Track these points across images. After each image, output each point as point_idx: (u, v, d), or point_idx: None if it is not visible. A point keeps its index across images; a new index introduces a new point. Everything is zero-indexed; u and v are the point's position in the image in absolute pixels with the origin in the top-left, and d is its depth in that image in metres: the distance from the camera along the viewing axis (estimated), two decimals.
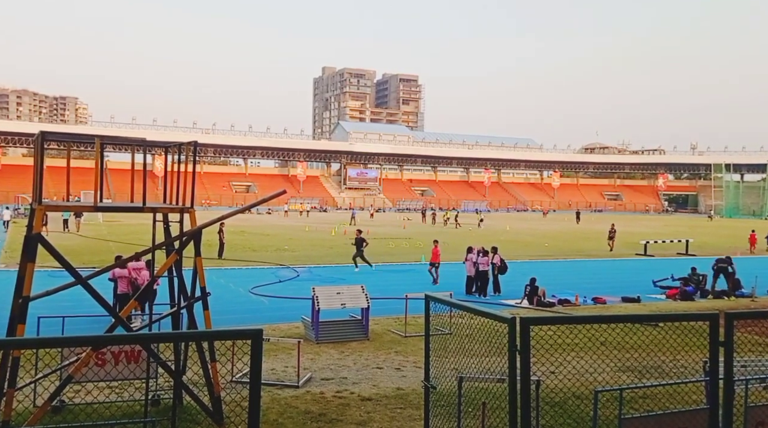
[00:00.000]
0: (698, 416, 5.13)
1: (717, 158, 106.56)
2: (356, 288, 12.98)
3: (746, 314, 5.26)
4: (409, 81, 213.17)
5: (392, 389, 9.13)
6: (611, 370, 10.02)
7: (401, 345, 11.94)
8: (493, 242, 25.83)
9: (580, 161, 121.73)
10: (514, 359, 4.63)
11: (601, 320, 5.38)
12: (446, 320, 10.95)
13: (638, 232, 46.11)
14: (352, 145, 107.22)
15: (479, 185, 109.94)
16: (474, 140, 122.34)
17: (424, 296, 6.45)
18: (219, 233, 26.74)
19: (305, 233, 42.05)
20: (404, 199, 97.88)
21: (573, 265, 27.49)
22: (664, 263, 27.35)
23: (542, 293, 17.04)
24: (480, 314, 5.48)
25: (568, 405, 7.60)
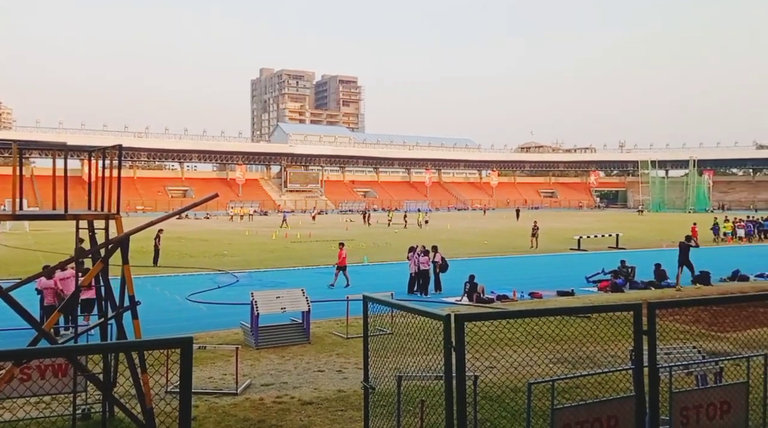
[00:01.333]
0: (626, 403, 5.31)
1: (643, 156, 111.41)
2: (296, 292, 12.84)
3: (666, 304, 5.50)
4: (349, 82, 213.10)
5: (333, 391, 9.08)
6: (546, 362, 10.31)
7: (343, 347, 11.89)
8: (434, 241, 26.13)
9: (516, 160, 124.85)
10: (450, 355, 4.68)
11: (533, 313, 5.51)
12: (387, 320, 11.06)
13: (572, 228, 47.66)
14: (292, 147, 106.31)
15: (421, 185, 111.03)
16: (414, 141, 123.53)
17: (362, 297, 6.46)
18: (155, 240, 25.98)
19: (245, 238, 41.32)
20: (347, 200, 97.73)
21: (511, 261, 28.12)
22: (597, 257, 28.35)
23: (481, 289, 17.34)
24: (417, 312, 5.52)
25: (506, 398, 7.74)
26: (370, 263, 26.35)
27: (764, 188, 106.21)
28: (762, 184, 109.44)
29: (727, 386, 6.11)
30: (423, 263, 18.79)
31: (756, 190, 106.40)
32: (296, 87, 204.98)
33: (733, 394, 5.94)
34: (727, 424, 5.80)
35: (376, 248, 33.42)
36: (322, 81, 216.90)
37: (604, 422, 5.28)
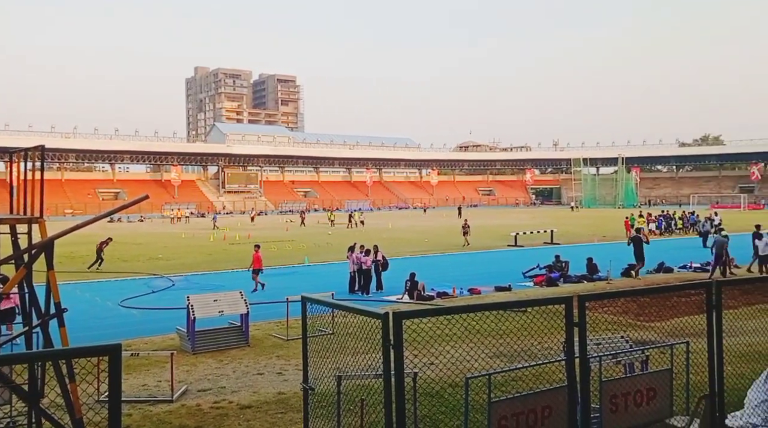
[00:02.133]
0: (559, 393, 5.47)
1: (576, 154, 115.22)
2: (234, 294, 12.62)
3: (595, 296, 5.70)
4: (288, 82, 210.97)
5: (273, 394, 8.97)
6: (485, 356, 10.48)
7: (283, 349, 11.76)
8: (375, 240, 26.22)
9: (455, 159, 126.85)
10: (388, 353, 4.70)
11: (469, 309, 5.60)
12: (328, 320, 11.01)
13: (509, 224, 48.82)
14: (230, 147, 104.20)
15: (362, 185, 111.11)
16: (355, 141, 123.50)
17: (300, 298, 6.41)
18: (102, 245, 25.33)
19: (181, 240, 40.27)
20: (287, 201, 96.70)
21: (451, 259, 28.55)
22: (533, 252, 29.15)
23: (422, 287, 17.53)
24: (355, 312, 5.52)
25: (445, 393, 7.84)
26: (311, 264, 26.19)
27: (687, 183, 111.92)
28: (684, 180, 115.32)
29: (653, 373, 6.40)
30: (364, 263, 18.84)
31: (679, 186, 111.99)
32: (233, 86, 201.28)
33: (659, 381, 6.23)
34: (653, 409, 6.07)
35: (317, 248, 33.24)
36: (259, 80, 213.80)
37: (539, 412, 5.43)
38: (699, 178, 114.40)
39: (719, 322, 5.81)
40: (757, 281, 8.15)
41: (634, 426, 5.99)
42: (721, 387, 5.77)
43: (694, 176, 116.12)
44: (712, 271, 20.95)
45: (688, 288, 6.34)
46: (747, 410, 6.35)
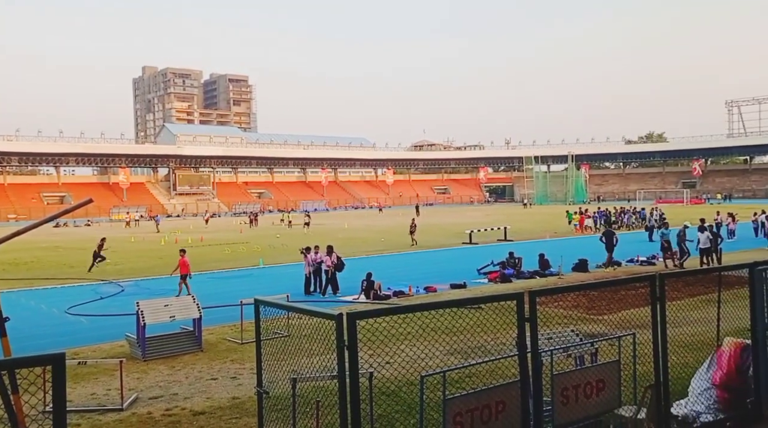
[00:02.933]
0: (512, 388, 5.56)
1: (527, 152, 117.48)
2: (186, 299, 12.36)
3: (545, 291, 5.82)
4: (239, 81, 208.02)
5: (227, 399, 8.82)
6: (441, 354, 10.59)
7: (238, 353, 11.58)
8: (331, 240, 26.08)
9: (410, 158, 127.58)
10: (343, 354, 4.69)
11: (423, 307, 5.62)
12: (283, 322, 10.89)
13: (464, 222, 49.37)
14: (180, 148, 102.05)
15: (317, 185, 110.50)
16: (309, 141, 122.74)
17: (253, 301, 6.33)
18: (98, 248, 26.77)
19: (131, 244, 39.22)
20: (240, 202, 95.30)
21: (407, 257, 28.68)
22: (487, 249, 29.55)
23: (378, 286, 17.54)
24: (309, 313, 5.48)
25: (401, 392, 7.87)
26: (266, 266, 25.89)
27: (633, 180, 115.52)
28: (631, 176, 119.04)
29: (602, 365, 6.56)
30: (325, 262, 18.88)
31: (626, 182, 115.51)
32: (183, 86, 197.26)
33: (607, 372, 6.39)
34: (603, 401, 6.23)
35: (272, 250, 32.89)
36: (210, 80, 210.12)
37: (493, 407, 5.50)
38: (645, 174, 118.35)
39: (663, 313, 6.00)
40: (699, 273, 8.46)
41: (585, 417, 6.14)
42: (666, 377, 5.97)
43: (640, 172, 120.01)
44: (680, 259, 22.39)
45: (634, 281, 6.55)
46: (691, 398, 6.60)
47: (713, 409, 6.38)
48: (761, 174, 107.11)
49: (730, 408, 6.43)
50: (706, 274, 9.08)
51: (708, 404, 6.41)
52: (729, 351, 6.58)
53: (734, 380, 6.42)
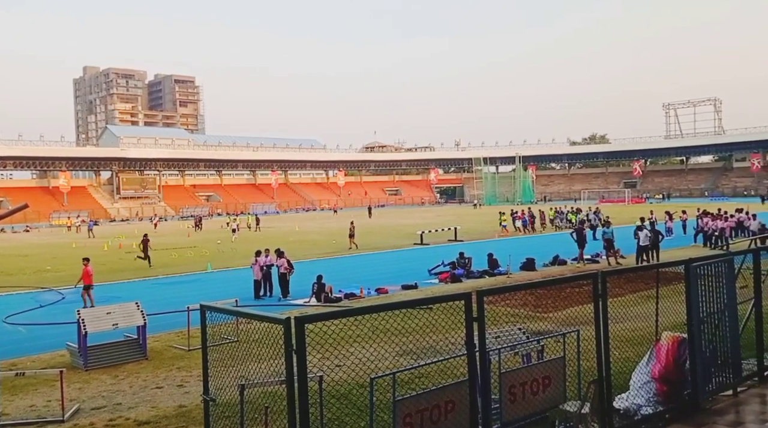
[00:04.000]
0: (461, 387, 5.61)
1: (476, 153, 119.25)
2: (130, 306, 11.99)
3: (492, 291, 5.89)
4: (185, 82, 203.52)
5: (173, 408, 8.60)
6: (392, 355, 10.60)
7: (184, 360, 11.31)
8: (282, 243, 25.80)
9: (362, 160, 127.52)
10: (291, 358, 4.63)
11: (371, 309, 5.61)
12: (233, 327, 10.71)
13: (415, 223, 49.69)
14: (124, 150, 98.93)
15: (267, 187, 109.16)
16: (259, 142, 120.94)
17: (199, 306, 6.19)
18: (143, 243, 28.09)
19: (72, 250, 37.78)
20: (188, 206, 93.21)
21: (359, 259, 28.66)
22: (438, 250, 29.82)
23: (329, 289, 17.46)
24: (256, 318, 5.40)
25: (352, 395, 7.84)
26: (214, 270, 25.41)
27: (578, 180, 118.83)
28: (576, 176, 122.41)
29: (548, 362, 6.72)
30: (281, 266, 18.79)
31: (571, 182, 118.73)
32: (126, 87, 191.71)
33: (553, 369, 6.54)
34: (549, 397, 6.37)
35: (221, 254, 32.32)
36: (155, 80, 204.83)
37: (442, 407, 5.54)
38: (589, 174, 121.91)
39: (605, 310, 6.17)
40: (639, 270, 8.76)
41: (532, 413, 6.26)
42: (608, 372, 6.14)
43: (584, 173, 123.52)
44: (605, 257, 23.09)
45: (577, 279, 6.71)
46: (632, 391, 6.81)
47: (653, 402, 6.60)
48: (696, 174, 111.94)
49: (668, 400, 6.67)
50: (645, 271, 9.39)
51: (648, 397, 6.63)
52: (667, 344, 6.82)
53: (672, 373, 6.66)
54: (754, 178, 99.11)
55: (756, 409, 6.92)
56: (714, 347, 7.09)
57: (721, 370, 7.17)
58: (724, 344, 7.23)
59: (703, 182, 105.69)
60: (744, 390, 7.46)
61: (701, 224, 28.77)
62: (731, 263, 7.54)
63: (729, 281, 7.35)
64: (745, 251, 8.50)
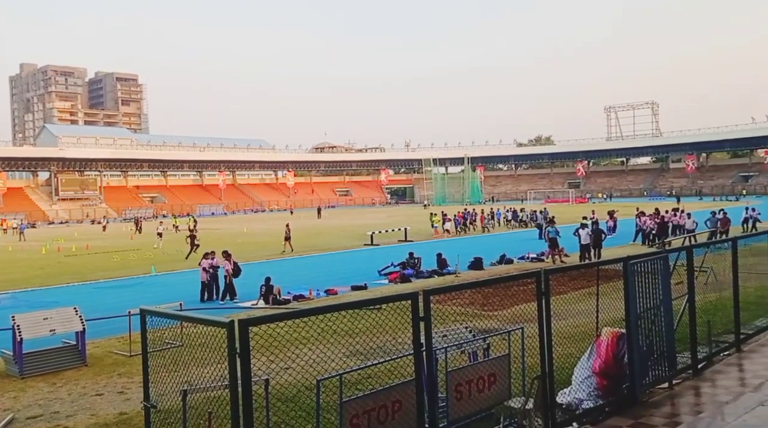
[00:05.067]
0: (408, 387, 5.63)
1: (426, 154, 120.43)
2: (68, 311, 11.53)
3: (439, 290, 5.94)
4: (128, 80, 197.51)
5: (114, 415, 8.32)
6: (340, 356, 10.57)
7: (126, 366, 10.96)
8: (229, 245, 25.35)
9: (312, 161, 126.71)
10: (235, 362, 4.55)
11: (317, 311, 5.56)
12: (177, 331, 10.43)
13: (366, 224, 49.72)
14: (63, 150, 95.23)
15: (214, 188, 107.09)
16: (205, 142, 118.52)
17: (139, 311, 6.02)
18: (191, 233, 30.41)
19: (8, 254, 36.17)
20: (131, 207, 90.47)
21: (308, 260, 28.45)
22: (388, 250, 29.92)
23: (278, 291, 17.25)
24: (198, 321, 5.28)
25: (300, 397, 7.77)
26: (158, 273, 24.74)
27: (524, 180, 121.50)
28: (522, 177, 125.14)
29: (493, 359, 6.82)
30: (225, 268, 18.47)
31: (518, 183, 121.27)
32: (65, 85, 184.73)
33: (498, 366, 6.66)
34: (494, 394, 6.48)
35: (166, 256, 31.52)
36: (96, 78, 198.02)
37: (390, 407, 5.55)
38: (535, 175, 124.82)
39: (548, 307, 6.32)
40: (581, 268, 9.01)
41: (478, 411, 6.35)
42: (551, 368, 6.28)
43: (530, 174, 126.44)
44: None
45: (521, 278, 6.83)
46: (574, 386, 6.99)
47: (594, 396, 6.79)
48: (636, 175, 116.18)
49: (608, 393, 6.88)
50: (587, 268, 9.67)
51: (589, 391, 6.82)
52: (607, 340, 7.03)
53: (612, 367, 6.87)
54: (689, 178, 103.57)
55: (690, 401, 7.22)
56: (651, 341, 7.36)
57: (658, 364, 7.45)
58: (660, 338, 7.51)
59: (642, 183, 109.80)
60: (679, 383, 7.76)
61: (639, 223, 29.83)
62: (666, 261, 7.84)
63: (664, 278, 7.64)
64: (680, 248, 8.87)
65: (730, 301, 9.21)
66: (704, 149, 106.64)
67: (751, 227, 31.99)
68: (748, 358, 8.66)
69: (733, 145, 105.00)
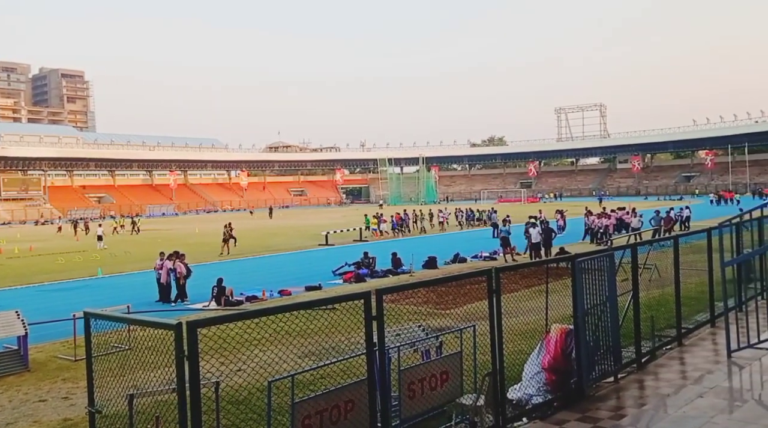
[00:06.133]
0: (361, 386, 5.63)
1: (382, 154, 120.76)
2: (9, 315, 11.08)
3: (391, 289, 5.95)
4: (74, 77, 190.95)
5: (57, 422, 8.04)
6: (294, 357, 10.48)
7: (71, 371, 10.61)
8: (181, 246, 24.81)
9: (265, 160, 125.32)
10: (182, 365, 4.46)
11: (270, 311, 5.50)
12: (125, 335, 10.15)
13: (321, 224, 49.46)
14: (5, 149, 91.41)
15: (165, 188, 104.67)
16: (155, 141, 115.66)
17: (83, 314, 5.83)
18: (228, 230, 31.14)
19: None
20: (77, 208, 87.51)
21: (262, 261, 28.12)
22: (343, 250, 29.85)
23: (230, 292, 17.00)
24: (144, 324, 5.16)
25: (252, 400, 7.67)
26: (105, 276, 24.02)
27: (478, 180, 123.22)
28: (476, 177, 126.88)
29: (446, 357, 6.89)
30: (179, 270, 18.12)
31: (472, 182, 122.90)
32: (7, 81, 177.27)
33: (450, 364, 6.72)
34: (447, 391, 6.53)
35: (113, 258, 30.64)
36: (40, 75, 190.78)
37: (342, 407, 5.54)
38: (488, 175, 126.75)
39: (499, 305, 6.41)
40: (531, 266, 9.18)
41: (431, 408, 6.40)
42: (501, 364, 6.38)
43: (484, 174, 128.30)
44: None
45: (473, 276, 6.91)
46: (524, 382, 7.13)
47: (543, 391, 6.94)
48: (585, 175, 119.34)
49: (557, 388, 7.03)
50: (538, 267, 9.87)
51: (538, 386, 6.96)
52: (555, 336, 7.19)
53: (560, 363, 7.03)
54: (635, 178, 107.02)
55: (635, 394, 7.45)
56: (597, 337, 7.56)
57: (604, 358, 7.66)
58: (606, 334, 7.73)
59: (591, 182, 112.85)
60: (624, 377, 8.00)
61: (587, 222, 30.65)
62: (612, 258, 8.07)
63: (610, 275, 7.86)
64: (625, 246, 9.14)
65: (673, 297, 9.54)
66: (649, 150, 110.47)
67: (681, 226, 33.09)
68: (689, 352, 9.00)
69: (676, 146, 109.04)
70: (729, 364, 7.64)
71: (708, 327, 10.17)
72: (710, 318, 10.26)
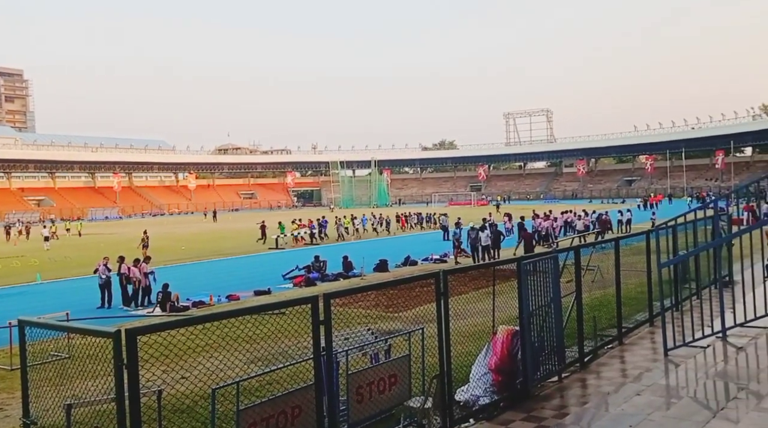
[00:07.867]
0: (308, 391, 5.58)
1: (333, 157, 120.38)
2: None
3: (339, 293, 5.94)
4: (12, 75, 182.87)
5: None
6: (241, 363, 10.32)
7: (6, 381, 10.15)
8: (125, 251, 24.07)
9: (214, 163, 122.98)
10: (121, 374, 4.32)
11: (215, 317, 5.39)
12: (64, 343, 9.77)
13: (271, 227, 48.86)
14: None
15: (108, 191, 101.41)
16: (98, 142, 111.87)
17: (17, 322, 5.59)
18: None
19: None
20: (15, 211, 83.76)
21: (209, 265, 27.59)
22: (294, 254, 29.59)
23: (176, 298, 16.61)
24: (80, 332, 5.00)
25: (197, 408, 7.51)
26: (44, 282, 23.09)
27: (429, 184, 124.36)
28: (427, 180, 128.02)
29: (394, 360, 6.90)
30: (134, 275, 17.79)
31: (423, 186, 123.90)
32: None
33: (399, 367, 6.74)
34: (395, 394, 6.55)
35: (53, 263, 29.49)
36: None
37: (289, 413, 5.48)
38: (439, 178, 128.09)
39: (446, 308, 6.47)
40: (479, 268, 9.33)
41: (379, 412, 6.40)
42: (449, 366, 6.44)
43: (435, 177, 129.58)
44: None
45: (421, 279, 6.96)
46: (471, 383, 7.21)
47: (489, 392, 7.04)
48: (533, 178, 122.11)
49: (503, 389, 7.15)
50: (486, 269, 10.02)
51: (485, 387, 7.06)
52: (502, 337, 7.31)
53: (506, 363, 7.15)
54: (580, 182, 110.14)
55: (578, 393, 7.64)
56: (542, 337, 7.73)
57: (548, 359, 7.83)
58: (551, 334, 7.91)
59: (539, 186, 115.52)
60: (567, 376, 8.21)
61: (534, 224, 31.33)
62: (556, 260, 8.27)
63: (555, 277, 8.06)
64: (569, 248, 9.38)
65: (614, 297, 9.85)
66: (593, 154, 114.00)
67: (623, 228, 34.19)
68: (629, 350, 9.30)
69: (618, 151, 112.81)
70: (666, 362, 7.93)
71: (647, 326, 10.53)
72: (649, 318, 10.63)
